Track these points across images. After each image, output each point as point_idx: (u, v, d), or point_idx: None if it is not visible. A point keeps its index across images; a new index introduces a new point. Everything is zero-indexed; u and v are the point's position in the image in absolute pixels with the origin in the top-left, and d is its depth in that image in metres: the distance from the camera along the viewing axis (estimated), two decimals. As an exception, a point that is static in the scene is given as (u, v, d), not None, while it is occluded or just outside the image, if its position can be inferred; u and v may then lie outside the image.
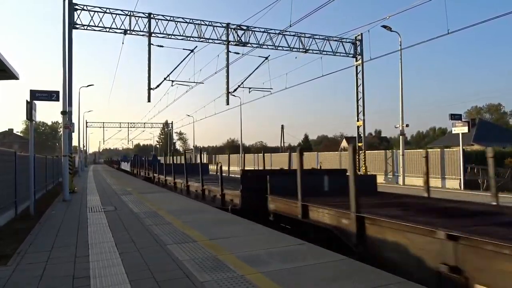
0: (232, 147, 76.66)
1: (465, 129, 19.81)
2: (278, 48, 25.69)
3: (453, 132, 20.98)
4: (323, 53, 26.54)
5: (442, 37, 17.84)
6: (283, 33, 25.47)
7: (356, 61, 27.32)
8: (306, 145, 73.11)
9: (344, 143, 77.23)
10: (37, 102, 10.87)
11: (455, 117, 20.68)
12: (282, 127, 73.54)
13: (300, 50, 26.18)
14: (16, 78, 9.39)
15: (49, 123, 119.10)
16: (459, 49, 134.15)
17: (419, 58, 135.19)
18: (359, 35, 26.98)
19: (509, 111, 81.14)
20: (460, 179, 19.64)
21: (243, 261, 4.94)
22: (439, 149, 24.25)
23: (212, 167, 40.73)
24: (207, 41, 24.47)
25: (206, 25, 24.26)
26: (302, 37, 26.18)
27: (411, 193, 11.37)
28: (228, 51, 24.94)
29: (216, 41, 24.67)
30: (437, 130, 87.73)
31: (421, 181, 19.39)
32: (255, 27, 25.22)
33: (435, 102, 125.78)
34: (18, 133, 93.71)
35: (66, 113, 14.02)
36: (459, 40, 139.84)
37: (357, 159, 26.66)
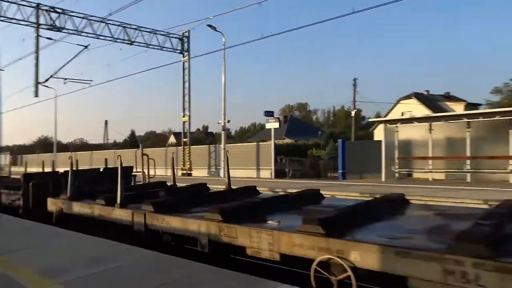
0: (45, 145, 67.19)
1: (276, 125, 22.57)
2: (100, 37, 24.03)
3: (267, 127, 23.67)
4: (150, 46, 26.09)
5: (266, 39, 19.92)
6: (106, 21, 23.91)
7: (183, 57, 27.72)
8: (133, 141, 70.22)
9: (172, 139, 77.63)
10: None
11: (268, 113, 23.30)
12: (106, 122, 69.09)
13: (125, 41, 25.07)
14: None
15: None
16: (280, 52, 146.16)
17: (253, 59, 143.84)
18: (186, 31, 27.35)
19: (313, 109, 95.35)
20: (272, 169, 22.29)
21: (39, 274, 4.31)
22: (255, 143, 26.95)
23: (18, 169, 34.31)
24: (11, 20, 21.04)
25: (9, 2, 20.80)
26: (128, 27, 25.09)
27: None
28: (38, 35, 21.95)
29: (21, 22, 21.42)
30: (257, 125, 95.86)
31: (241, 172, 21.27)
32: (73, 12, 22.97)
33: (258, 99, 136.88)
34: None
35: None
36: (281, 44, 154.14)
37: (183, 154, 27.28)
